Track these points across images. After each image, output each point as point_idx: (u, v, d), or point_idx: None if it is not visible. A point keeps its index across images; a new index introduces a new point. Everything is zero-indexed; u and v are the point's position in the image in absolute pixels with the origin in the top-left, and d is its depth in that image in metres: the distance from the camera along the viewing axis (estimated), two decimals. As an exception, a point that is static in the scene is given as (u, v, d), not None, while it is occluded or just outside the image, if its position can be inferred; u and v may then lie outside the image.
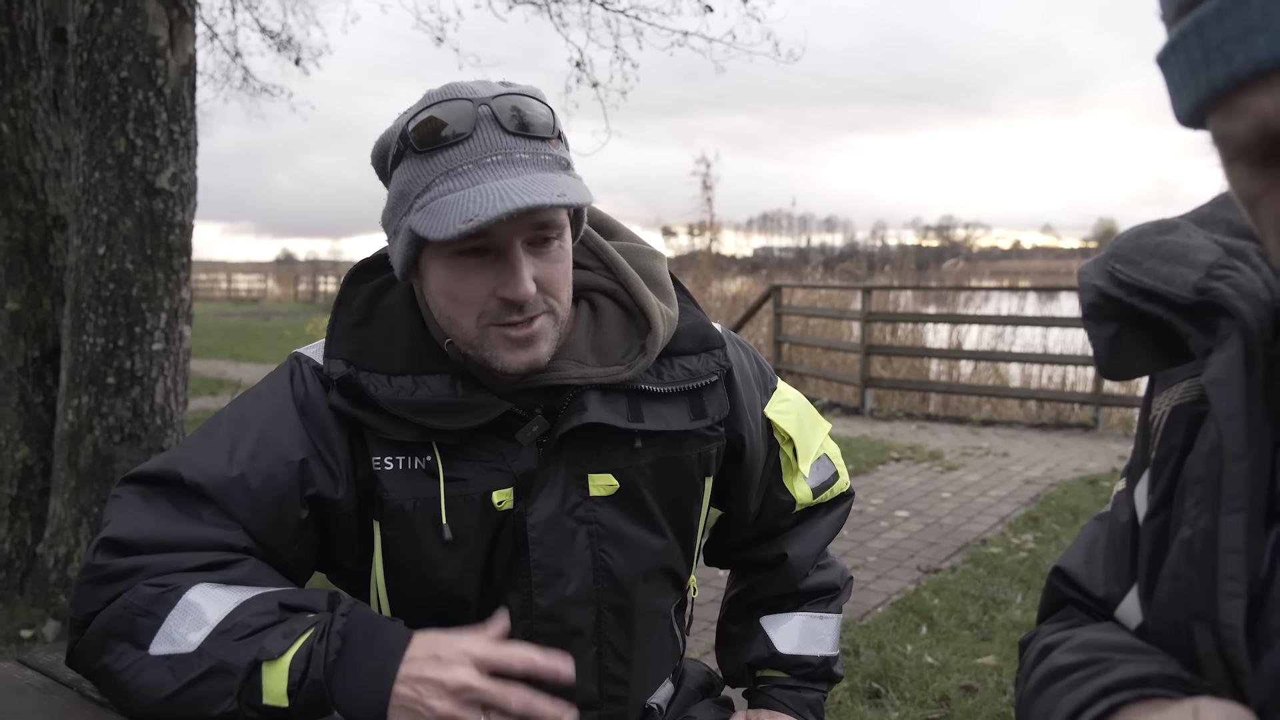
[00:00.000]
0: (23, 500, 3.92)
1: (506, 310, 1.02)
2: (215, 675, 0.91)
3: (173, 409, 3.77)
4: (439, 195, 0.97)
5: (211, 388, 10.37)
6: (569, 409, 1.09)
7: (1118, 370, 0.78)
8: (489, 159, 0.98)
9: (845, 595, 1.38)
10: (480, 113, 0.99)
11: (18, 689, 1.06)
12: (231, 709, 0.90)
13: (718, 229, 15.63)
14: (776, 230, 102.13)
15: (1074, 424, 8.38)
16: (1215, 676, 0.68)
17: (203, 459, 1.04)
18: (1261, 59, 0.51)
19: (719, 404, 1.17)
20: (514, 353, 1.03)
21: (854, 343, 9.63)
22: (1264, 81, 0.51)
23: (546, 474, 1.09)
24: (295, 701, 0.91)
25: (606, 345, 1.13)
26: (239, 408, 1.11)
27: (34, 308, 3.92)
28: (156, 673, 0.92)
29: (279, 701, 0.91)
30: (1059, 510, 5.28)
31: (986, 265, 35.40)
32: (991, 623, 3.67)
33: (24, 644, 3.47)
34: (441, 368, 1.08)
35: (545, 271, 1.03)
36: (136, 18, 3.53)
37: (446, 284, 1.03)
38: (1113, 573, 0.87)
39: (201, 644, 0.92)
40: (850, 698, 3.01)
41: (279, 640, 0.92)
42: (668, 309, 1.15)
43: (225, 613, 0.94)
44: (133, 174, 3.57)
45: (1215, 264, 0.71)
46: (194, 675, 0.91)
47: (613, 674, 1.16)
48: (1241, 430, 0.66)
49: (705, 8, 6.57)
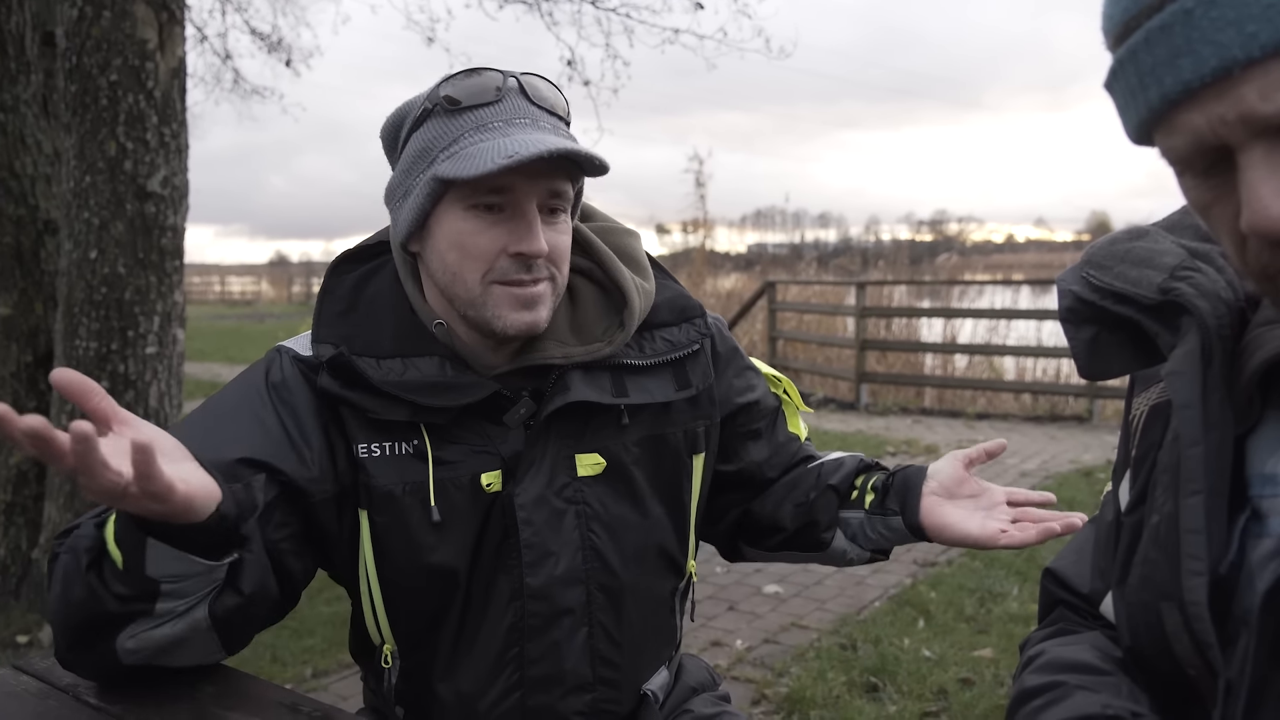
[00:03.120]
0: (17, 505, 3.91)
1: (515, 267, 1.04)
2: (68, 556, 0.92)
3: (167, 412, 3.76)
4: (470, 144, 1.01)
5: (206, 390, 10.36)
6: (553, 389, 1.10)
7: (1097, 371, 0.82)
8: (518, 120, 1.03)
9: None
10: (508, 83, 1.05)
11: (13, 695, 1.05)
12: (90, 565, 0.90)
13: (712, 226, 15.64)
14: (770, 227, 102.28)
15: (1069, 416, 8.40)
16: (1184, 653, 0.71)
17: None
18: (1188, 80, 0.57)
19: (703, 372, 1.20)
20: (517, 312, 1.05)
21: (849, 338, 9.64)
22: (1193, 100, 0.57)
23: (534, 455, 1.10)
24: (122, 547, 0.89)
25: (585, 323, 1.15)
26: (211, 401, 1.11)
27: (26, 313, 3.91)
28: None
29: (114, 553, 0.89)
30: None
31: (980, 259, 35.48)
32: (988, 616, 3.68)
33: (19, 649, 3.46)
34: (430, 349, 1.09)
35: (554, 239, 1.06)
36: (125, 21, 3.52)
37: (460, 236, 1.04)
38: (1097, 571, 0.90)
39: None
40: (848, 691, 3.01)
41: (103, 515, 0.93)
42: (643, 283, 1.18)
43: None
44: (124, 177, 3.56)
45: (1178, 266, 0.76)
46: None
47: (604, 655, 1.16)
48: (1196, 418, 0.70)
49: (696, 5, 6.56)
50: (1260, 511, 0.69)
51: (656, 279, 1.22)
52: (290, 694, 1.09)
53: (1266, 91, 0.54)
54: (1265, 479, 0.69)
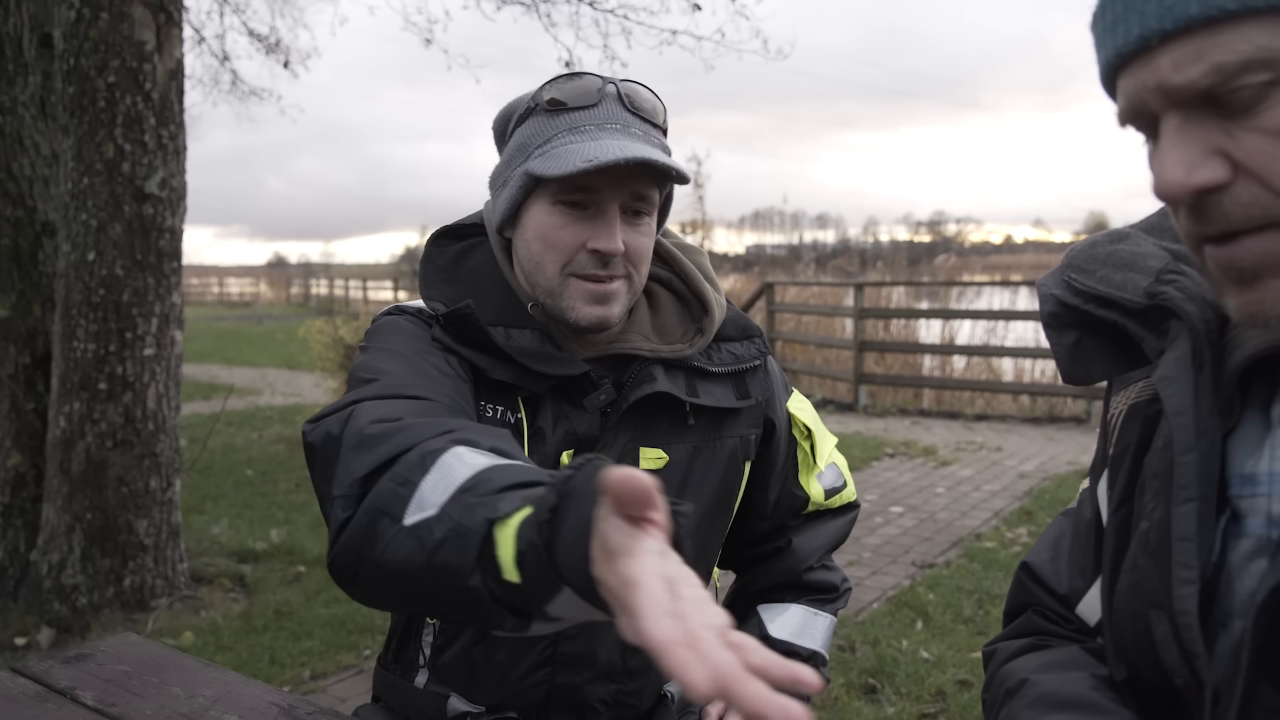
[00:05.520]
0: (15, 508, 3.91)
1: (592, 263, 1.09)
2: (455, 539, 0.74)
3: (165, 414, 3.76)
4: (561, 145, 1.07)
5: (205, 392, 10.34)
6: (637, 379, 1.15)
7: (1080, 375, 0.81)
8: (609, 125, 1.08)
9: (843, 601, 1.40)
10: (607, 89, 1.10)
11: (10, 697, 1.05)
12: (475, 583, 0.72)
13: (710, 227, 15.62)
14: (769, 227, 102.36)
15: (1067, 417, 8.40)
16: (1172, 662, 0.70)
17: (368, 377, 0.99)
18: (1119, 45, 0.62)
19: (761, 386, 1.26)
20: (590, 305, 1.10)
21: (847, 339, 9.64)
22: (1126, 66, 0.62)
23: (606, 440, 1.14)
24: (524, 573, 0.70)
25: (666, 326, 1.22)
26: (364, 357, 1.07)
27: (24, 314, 3.90)
28: (409, 545, 0.77)
29: (510, 575, 0.70)
30: (1053, 504, 5.30)
31: (978, 260, 35.50)
32: (987, 617, 3.68)
33: (18, 652, 3.45)
34: (528, 323, 1.13)
35: (633, 240, 1.10)
36: (123, 22, 3.52)
37: (545, 228, 1.10)
38: (1076, 569, 0.89)
39: (444, 504, 0.77)
40: (846, 693, 3.01)
41: (516, 500, 0.73)
42: (719, 298, 1.25)
43: (474, 471, 0.79)
44: (121, 179, 3.56)
45: (1164, 269, 0.76)
46: (436, 540, 0.75)
47: (636, 645, 1.15)
48: (1190, 425, 0.69)
49: (693, 6, 6.57)
50: (1239, 512, 0.69)
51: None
52: (288, 696, 1.10)
53: (1179, 63, 0.59)
54: (1244, 479, 0.69)
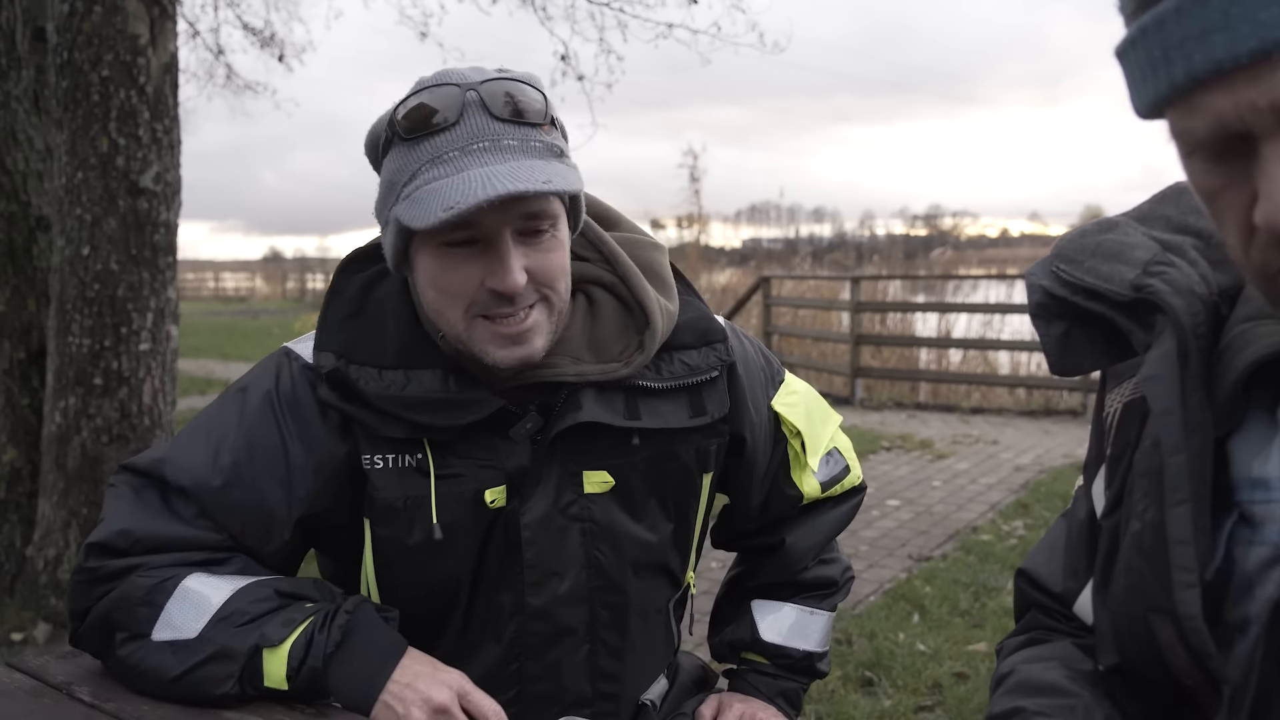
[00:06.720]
0: (11, 503, 3.90)
1: (496, 302, 0.99)
2: (218, 660, 0.97)
3: (161, 409, 3.75)
4: (424, 184, 0.95)
5: (200, 387, 10.32)
6: (564, 407, 1.06)
7: (1068, 367, 0.79)
8: (475, 145, 0.96)
9: (843, 593, 1.36)
10: (468, 98, 0.97)
11: (6, 692, 1.05)
12: (234, 690, 0.97)
13: (706, 221, 15.63)
14: (765, 221, 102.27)
15: (1063, 410, 8.42)
16: (1180, 665, 0.69)
17: (189, 460, 1.05)
18: (1220, 59, 0.51)
19: (719, 400, 1.14)
20: (505, 348, 1.01)
21: (843, 333, 9.65)
22: (1222, 81, 0.52)
23: (540, 472, 1.07)
24: (294, 685, 0.98)
25: (603, 340, 1.09)
26: (226, 406, 1.10)
27: (19, 309, 3.89)
28: (161, 657, 0.98)
29: (279, 685, 0.98)
30: (1049, 497, 5.31)
31: (974, 253, 35.49)
32: (983, 610, 3.68)
33: (14, 647, 3.45)
34: (434, 361, 1.05)
35: (538, 262, 1.00)
36: (117, 16, 3.50)
37: (434, 275, 1.00)
38: (1070, 569, 0.88)
39: (202, 630, 0.98)
40: (843, 686, 3.02)
41: (279, 628, 0.98)
42: (667, 303, 1.12)
43: (224, 599, 1.00)
44: (116, 173, 3.54)
45: (1151, 260, 0.73)
46: (197, 660, 0.97)
47: (605, 671, 1.15)
48: (1177, 425, 0.67)
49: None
50: (1251, 517, 0.66)
51: (681, 296, 1.16)
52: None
53: None
54: (1254, 483, 0.67)
